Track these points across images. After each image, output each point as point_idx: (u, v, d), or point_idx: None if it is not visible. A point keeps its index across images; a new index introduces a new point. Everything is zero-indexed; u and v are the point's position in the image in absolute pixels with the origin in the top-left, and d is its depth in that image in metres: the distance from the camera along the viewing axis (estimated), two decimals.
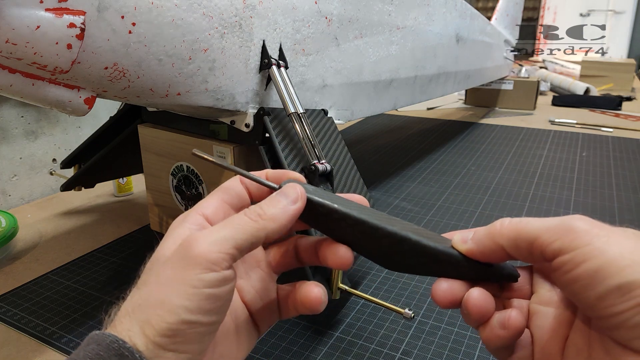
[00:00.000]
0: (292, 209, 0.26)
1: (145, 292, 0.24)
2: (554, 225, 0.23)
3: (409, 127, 1.45)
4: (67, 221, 0.80)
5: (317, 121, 0.62)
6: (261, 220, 0.25)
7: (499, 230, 0.25)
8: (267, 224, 0.25)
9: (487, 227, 0.25)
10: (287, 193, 0.27)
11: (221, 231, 0.25)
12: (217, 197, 0.28)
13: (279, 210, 0.26)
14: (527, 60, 2.56)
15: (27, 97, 0.40)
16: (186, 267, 0.24)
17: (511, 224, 0.24)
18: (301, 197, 0.27)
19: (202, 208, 0.28)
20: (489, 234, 0.25)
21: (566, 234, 0.22)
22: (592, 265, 0.21)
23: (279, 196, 0.27)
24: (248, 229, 0.25)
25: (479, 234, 0.25)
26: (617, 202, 0.86)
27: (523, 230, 0.24)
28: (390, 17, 0.76)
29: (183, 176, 0.66)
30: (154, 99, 0.48)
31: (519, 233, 0.24)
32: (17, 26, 0.35)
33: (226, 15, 0.49)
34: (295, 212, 0.26)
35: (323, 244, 0.28)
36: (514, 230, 0.24)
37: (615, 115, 1.59)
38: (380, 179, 0.98)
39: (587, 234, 0.22)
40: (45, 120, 0.92)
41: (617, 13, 3.28)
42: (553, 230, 0.22)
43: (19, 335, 0.52)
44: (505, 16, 1.68)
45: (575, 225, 0.22)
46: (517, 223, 0.24)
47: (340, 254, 0.27)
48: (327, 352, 0.48)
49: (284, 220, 0.26)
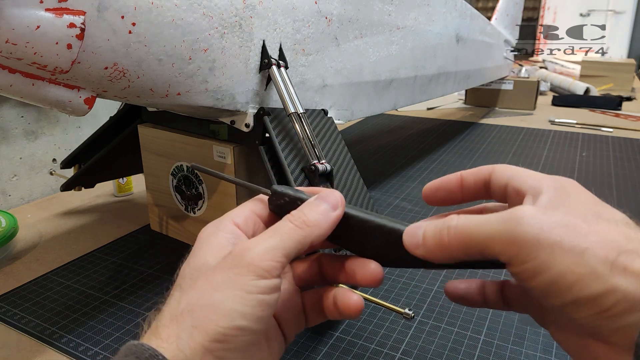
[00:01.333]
0: (333, 215, 0.27)
1: (194, 297, 0.24)
2: (499, 233, 0.22)
3: (409, 127, 1.45)
4: (67, 221, 0.80)
5: (317, 121, 0.62)
6: (306, 227, 0.26)
7: (447, 243, 0.24)
8: (312, 230, 0.26)
9: (435, 234, 0.24)
10: (327, 198, 0.27)
11: (271, 240, 0.25)
12: (247, 208, 0.29)
13: (321, 215, 0.26)
14: (527, 60, 2.56)
15: (27, 97, 0.40)
16: (240, 273, 0.24)
17: (457, 233, 0.24)
18: (341, 203, 0.27)
19: (234, 217, 0.28)
20: (439, 246, 0.24)
21: (510, 246, 0.22)
22: (542, 280, 0.21)
23: (319, 202, 0.27)
24: (295, 236, 0.25)
25: (429, 243, 0.25)
26: (617, 202, 0.86)
27: (470, 241, 0.23)
28: (390, 17, 0.76)
29: (183, 176, 0.66)
30: (154, 99, 0.48)
31: (467, 244, 0.23)
32: (17, 26, 0.35)
33: (226, 15, 0.49)
34: (336, 218, 0.27)
35: (351, 260, 0.28)
36: (462, 242, 0.23)
37: (615, 115, 1.59)
38: (380, 179, 0.98)
39: (532, 245, 0.21)
40: (45, 120, 0.92)
41: (617, 13, 3.28)
42: (498, 240, 0.22)
43: (19, 335, 0.52)
44: (505, 16, 1.68)
45: (519, 233, 0.21)
46: (462, 231, 0.24)
47: (371, 270, 0.27)
48: (327, 352, 0.48)
49: (327, 226, 0.26)
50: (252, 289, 0.23)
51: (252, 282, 0.24)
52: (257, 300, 0.23)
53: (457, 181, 0.29)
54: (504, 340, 0.50)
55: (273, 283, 0.24)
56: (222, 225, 0.27)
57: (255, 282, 0.24)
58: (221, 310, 0.23)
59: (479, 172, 0.28)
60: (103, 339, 0.50)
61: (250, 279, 0.24)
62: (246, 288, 0.23)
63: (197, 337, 0.23)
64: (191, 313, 0.23)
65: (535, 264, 0.21)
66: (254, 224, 0.29)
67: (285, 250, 0.25)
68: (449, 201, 0.30)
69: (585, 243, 0.20)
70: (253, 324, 0.23)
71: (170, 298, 0.25)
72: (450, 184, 0.29)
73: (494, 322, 0.53)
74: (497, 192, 0.27)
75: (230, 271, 0.24)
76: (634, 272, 0.19)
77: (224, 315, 0.23)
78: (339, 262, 0.29)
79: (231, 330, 0.23)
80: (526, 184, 0.25)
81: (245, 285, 0.23)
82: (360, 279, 0.27)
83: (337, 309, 0.28)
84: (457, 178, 0.29)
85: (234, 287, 0.23)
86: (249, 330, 0.23)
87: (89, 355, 0.48)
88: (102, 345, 0.49)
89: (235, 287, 0.23)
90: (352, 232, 0.27)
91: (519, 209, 0.22)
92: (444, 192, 0.29)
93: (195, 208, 0.66)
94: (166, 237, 0.72)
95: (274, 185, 0.29)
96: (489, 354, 0.48)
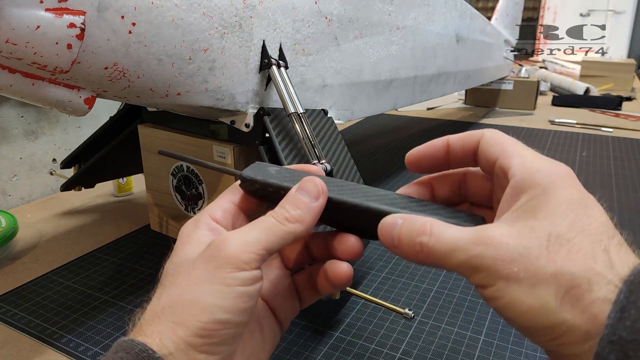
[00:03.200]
0: (315, 206, 0.26)
1: (175, 292, 0.24)
2: (466, 261, 0.22)
3: (409, 127, 1.45)
4: (67, 221, 0.80)
5: (317, 121, 0.62)
6: (289, 223, 0.25)
7: (420, 257, 0.24)
8: (295, 227, 0.25)
9: (409, 243, 0.24)
10: (308, 190, 0.26)
11: (251, 233, 0.25)
12: (225, 199, 0.29)
13: (303, 210, 0.26)
14: (527, 60, 2.56)
15: (27, 97, 0.40)
16: (218, 266, 0.24)
17: (429, 253, 0.23)
18: (322, 192, 0.26)
19: (212, 211, 0.28)
20: (412, 255, 0.24)
21: (475, 272, 0.22)
22: (499, 304, 0.22)
23: (300, 194, 0.26)
24: (277, 231, 0.25)
25: (404, 248, 0.24)
26: (617, 202, 0.86)
27: (440, 262, 0.23)
28: (390, 17, 0.76)
29: (183, 176, 0.66)
30: (154, 99, 0.48)
31: (438, 263, 0.23)
32: (17, 26, 0.35)
33: (226, 15, 0.49)
34: (319, 209, 0.26)
35: (331, 236, 0.28)
36: (433, 260, 0.23)
37: (615, 115, 1.59)
38: (380, 179, 0.98)
39: (492, 274, 0.22)
40: (45, 120, 0.92)
41: (617, 13, 3.28)
42: (465, 266, 0.22)
43: (19, 335, 0.52)
44: (505, 16, 1.68)
45: (483, 264, 0.22)
46: (434, 252, 0.23)
47: (350, 243, 0.27)
48: (327, 352, 0.48)
49: (310, 220, 0.26)
50: (231, 282, 0.23)
51: (231, 275, 0.23)
52: (237, 293, 0.23)
53: (444, 148, 0.28)
54: (504, 340, 0.50)
55: (253, 274, 0.24)
56: (201, 222, 0.27)
57: (234, 275, 0.23)
58: (201, 305, 0.23)
59: (467, 139, 0.27)
60: (103, 339, 0.50)
61: (228, 271, 0.23)
62: (225, 281, 0.23)
63: (179, 333, 0.22)
64: (172, 309, 0.23)
65: (493, 289, 0.22)
66: (232, 215, 0.28)
67: (267, 243, 0.25)
68: (434, 169, 0.29)
69: (540, 275, 0.21)
70: (235, 316, 0.23)
71: (153, 296, 0.25)
72: (436, 151, 0.28)
73: (494, 322, 0.53)
74: (485, 165, 0.26)
75: (209, 264, 0.24)
76: (583, 306, 0.20)
77: (204, 309, 0.23)
78: (322, 239, 0.29)
79: (213, 325, 0.23)
80: (514, 171, 0.24)
81: (224, 278, 0.23)
82: (341, 254, 0.27)
83: (328, 280, 0.28)
84: (443, 144, 0.28)
85: (213, 280, 0.23)
86: (231, 324, 0.23)
87: (89, 355, 0.48)
88: (102, 345, 0.49)
89: (215, 281, 0.23)
90: (331, 212, 0.27)
91: (489, 233, 0.22)
92: (429, 159, 0.29)
93: (195, 208, 0.66)
94: (166, 237, 0.72)
95: (244, 171, 0.28)
96: (489, 354, 0.48)
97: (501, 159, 0.25)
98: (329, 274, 0.28)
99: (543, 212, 0.22)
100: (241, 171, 0.28)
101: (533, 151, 0.25)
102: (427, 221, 0.24)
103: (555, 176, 0.23)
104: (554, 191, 0.22)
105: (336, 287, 0.28)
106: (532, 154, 0.24)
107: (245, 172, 0.28)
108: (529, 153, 0.24)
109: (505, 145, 0.25)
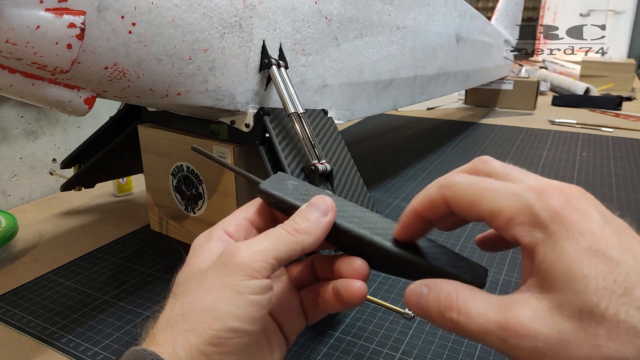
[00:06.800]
0: (324, 221, 0.27)
1: (187, 301, 0.24)
2: (498, 348, 0.21)
3: (409, 127, 1.45)
4: (67, 221, 0.80)
5: (317, 121, 0.62)
6: (298, 234, 0.26)
7: (449, 327, 0.22)
8: (304, 238, 0.26)
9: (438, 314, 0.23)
10: (318, 205, 0.27)
11: (262, 242, 0.25)
12: (239, 215, 0.29)
13: (312, 223, 0.26)
14: (527, 60, 2.56)
15: (27, 97, 0.40)
16: (229, 274, 0.24)
17: (458, 328, 0.22)
18: (332, 209, 0.27)
19: (225, 225, 0.28)
20: (441, 324, 0.23)
21: (505, 350, 0.21)
22: None
23: (310, 209, 0.27)
24: (286, 241, 0.26)
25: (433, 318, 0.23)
26: (617, 202, 0.86)
27: (469, 336, 0.22)
28: (390, 17, 0.76)
29: (183, 176, 0.66)
30: (154, 99, 0.48)
31: (466, 336, 0.22)
32: (17, 26, 0.35)
33: (226, 15, 0.49)
34: (328, 224, 0.27)
35: (338, 258, 0.28)
36: (462, 333, 0.22)
37: (615, 115, 1.59)
38: (380, 179, 0.98)
39: (523, 356, 0.20)
40: (45, 120, 0.92)
41: (617, 13, 3.28)
42: (501, 352, 0.21)
43: (19, 335, 0.52)
44: (505, 16, 1.68)
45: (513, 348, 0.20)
46: (463, 328, 0.22)
47: (356, 266, 0.27)
48: (327, 352, 0.48)
49: (319, 233, 0.26)
50: (243, 290, 0.23)
51: (243, 283, 0.24)
52: (248, 301, 0.23)
53: (415, 219, 0.26)
54: None
55: (264, 283, 0.24)
56: (214, 234, 0.28)
57: (245, 283, 0.24)
58: (214, 313, 0.23)
59: (430, 203, 0.24)
60: (103, 339, 0.50)
61: (240, 279, 0.24)
62: (237, 289, 0.23)
63: (192, 341, 0.23)
64: (185, 317, 0.23)
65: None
66: (245, 230, 0.29)
67: (276, 252, 0.25)
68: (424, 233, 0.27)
69: None
70: (247, 325, 0.23)
71: (166, 305, 0.25)
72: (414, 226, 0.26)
73: None
74: (472, 218, 0.23)
75: (221, 272, 0.24)
76: None
77: (217, 317, 0.23)
78: (329, 261, 0.29)
79: (225, 333, 0.23)
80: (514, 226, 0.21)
81: (236, 286, 0.24)
82: (346, 276, 0.28)
83: (340, 299, 0.28)
84: (412, 216, 0.26)
85: (225, 289, 0.24)
86: (243, 332, 0.23)
87: (89, 355, 0.48)
88: (102, 345, 0.49)
89: (226, 289, 0.23)
90: (337, 235, 0.28)
91: (518, 317, 0.20)
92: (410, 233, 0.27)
93: (195, 208, 0.66)
94: (166, 237, 0.72)
95: (262, 183, 0.29)
96: (489, 354, 0.48)
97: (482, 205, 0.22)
98: (342, 291, 0.27)
99: (557, 278, 0.19)
100: (261, 182, 0.29)
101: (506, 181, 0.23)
102: (452, 291, 0.22)
103: (572, 216, 0.20)
104: (561, 243, 0.20)
105: (347, 306, 0.28)
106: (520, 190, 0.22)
107: (264, 184, 0.29)
108: (514, 191, 0.22)
109: (482, 188, 0.23)
